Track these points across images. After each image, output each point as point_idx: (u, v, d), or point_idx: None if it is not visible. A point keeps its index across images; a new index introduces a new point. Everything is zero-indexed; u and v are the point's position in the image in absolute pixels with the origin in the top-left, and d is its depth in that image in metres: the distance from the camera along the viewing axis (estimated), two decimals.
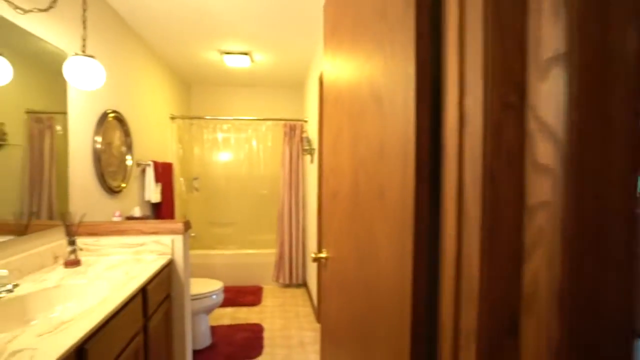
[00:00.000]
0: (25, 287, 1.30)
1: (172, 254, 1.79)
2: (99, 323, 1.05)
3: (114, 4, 2.17)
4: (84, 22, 1.53)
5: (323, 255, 1.35)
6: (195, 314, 2.22)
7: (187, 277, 1.86)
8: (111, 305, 1.16)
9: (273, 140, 4.21)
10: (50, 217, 1.66)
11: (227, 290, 3.42)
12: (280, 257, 3.60)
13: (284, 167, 3.61)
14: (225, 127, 4.10)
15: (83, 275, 1.44)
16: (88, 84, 1.54)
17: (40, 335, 0.96)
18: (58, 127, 1.71)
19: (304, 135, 3.24)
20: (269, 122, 4.12)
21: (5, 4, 1.33)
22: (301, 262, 3.59)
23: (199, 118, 3.80)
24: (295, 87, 4.28)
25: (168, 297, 1.75)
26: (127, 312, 1.26)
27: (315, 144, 2.96)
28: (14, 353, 0.87)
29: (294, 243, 3.57)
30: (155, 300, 1.56)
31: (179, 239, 1.80)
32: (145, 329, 1.45)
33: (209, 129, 4.11)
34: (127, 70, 2.46)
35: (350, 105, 0.98)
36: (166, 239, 1.78)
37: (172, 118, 3.50)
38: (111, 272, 1.50)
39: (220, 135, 4.12)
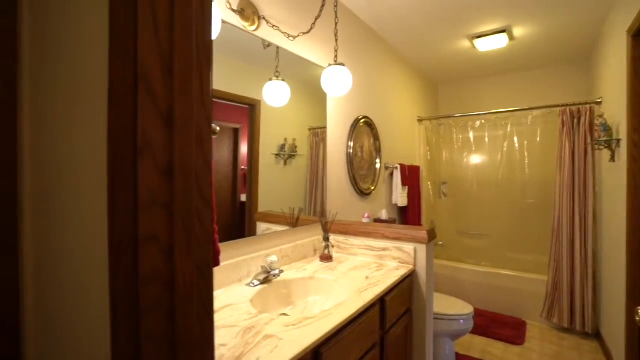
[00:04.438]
0: (289, 273, 1.49)
1: (415, 264, 1.61)
2: (335, 327, 1.01)
3: (361, 14, 2.28)
4: (336, 34, 1.64)
5: None
6: (438, 335, 1.95)
7: (429, 292, 1.63)
8: (349, 310, 1.10)
9: (544, 134, 3.27)
10: (323, 215, 1.90)
11: (477, 313, 2.92)
12: (555, 288, 2.69)
13: (562, 168, 2.69)
14: (477, 124, 3.57)
15: (331, 272, 1.51)
16: (339, 91, 1.63)
17: (287, 326, 1.00)
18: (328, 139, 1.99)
19: (598, 121, 2.26)
20: (537, 112, 3.23)
21: (282, 35, 1.60)
22: (590, 303, 2.53)
23: (448, 117, 3.51)
24: (575, 60, 3.16)
25: (409, 311, 1.59)
26: (364, 321, 1.18)
27: (621, 133, 1.98)
28: (266, 337, 0.93)
29: (578, 273, 2.58)
30: (395, 312, 1.42)
31: (422, 249, 1.60)
32: (382, 342, 1.34)
33: (459, 128, 3.71)
34: (376, 76, 2.56)
35: None
36: (408, 247, 1.62)
37: (420, 120, 3.41)
38: (354, 273, 1.50)
39: (471, 135, 3.63)
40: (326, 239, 1.71)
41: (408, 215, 2.80)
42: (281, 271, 1.40)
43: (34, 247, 0.67)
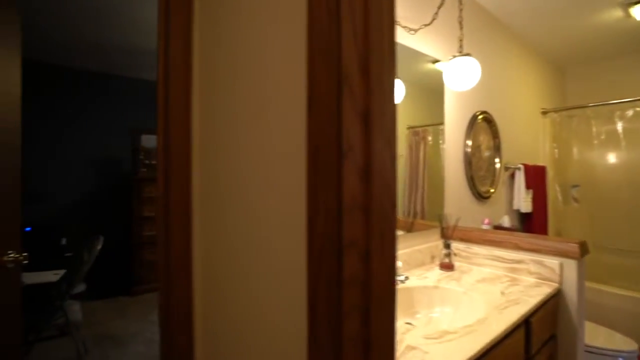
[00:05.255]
0: (411, 280, 1.41)
1: (560, 282, 1.37)
2: (485, 347, 0.91)
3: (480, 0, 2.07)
4: (460, 22, 1.50)
5: None
6: None
7: (580, 318, 1.37)
8: (495, 329, 0.99)
9: None
10: (422, 218, 1.77)
11: None
12: None
13: None
14: (630, 113, 2.89)
15: (456, 282, 1.39)
16: (465, 84, 1.49)
17: (427, 339, 0.94)
18: (429, 138, 1.84)
19: None
20: None
21: (402, 30, 1.53)
22: None
23: (582, 107, 2.95)
24: None
25: (553, 338, 1.36)
26: (509, 343, 1.04)
27: None
28: (408, 348, 0.88)
29: None
30: (539, 337, 1.23)
31: (571, 265, 1.36)
32: None
33: (601, 120, 3.04)
34: (494, 66, 2.30)
35: None
36: (552, 262, 1.39)
37: (544, 112, 2.96)
38: (484, 286, 1.35)
39: (620, 127, 2.95)
40: (447, 246, 1.59)
41: (532, 222, 2.45)
42: (406, 278, 1.33)
43: (201, 246, 0.73)
